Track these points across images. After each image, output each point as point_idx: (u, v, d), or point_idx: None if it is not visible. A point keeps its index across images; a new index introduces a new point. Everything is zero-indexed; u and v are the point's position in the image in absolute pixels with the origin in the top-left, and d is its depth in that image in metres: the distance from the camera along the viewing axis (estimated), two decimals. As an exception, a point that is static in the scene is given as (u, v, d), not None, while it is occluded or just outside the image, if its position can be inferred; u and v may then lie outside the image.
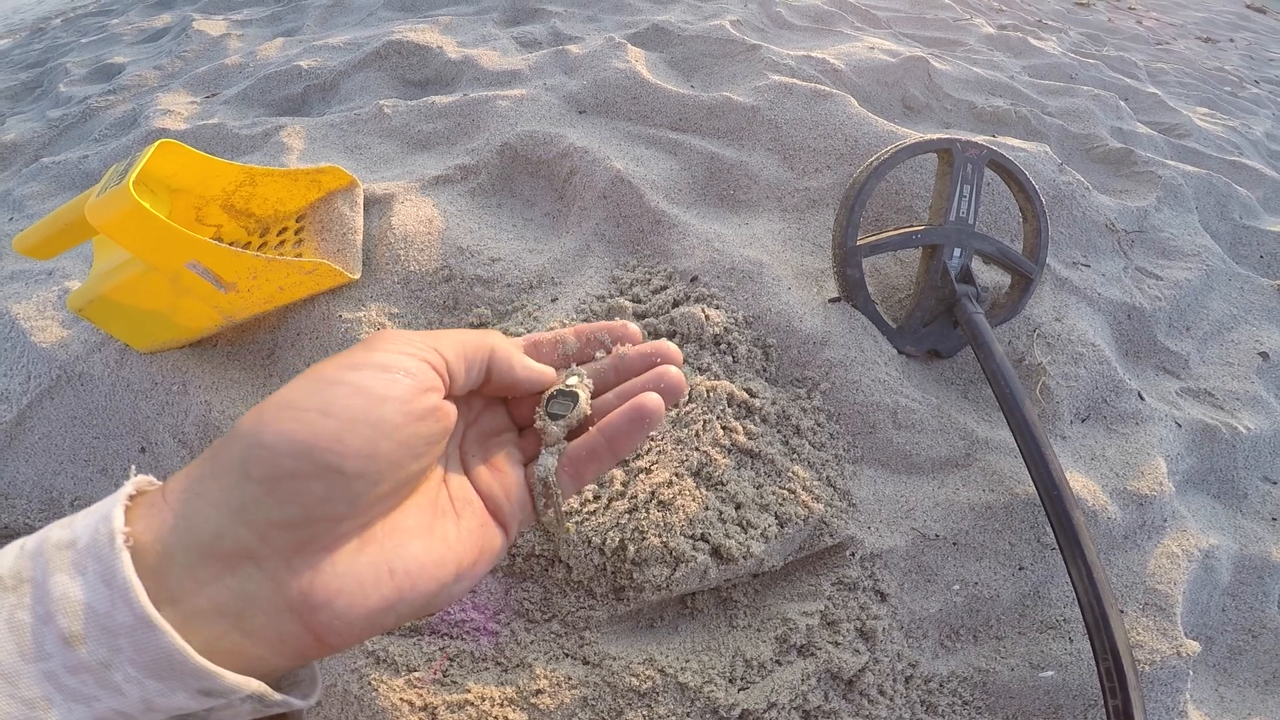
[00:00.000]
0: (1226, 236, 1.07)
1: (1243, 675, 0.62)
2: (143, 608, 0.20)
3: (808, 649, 0.51)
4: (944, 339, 0.69)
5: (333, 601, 0.23)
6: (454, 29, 1.31)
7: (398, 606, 0.25)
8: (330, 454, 0.23)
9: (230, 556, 0.22)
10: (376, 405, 0.24)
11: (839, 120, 0.90)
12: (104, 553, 0.21)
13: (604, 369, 0.35)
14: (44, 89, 1.62)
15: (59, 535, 0.22)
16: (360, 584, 0.24)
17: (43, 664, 0.20)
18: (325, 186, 0.75)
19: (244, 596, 0.22)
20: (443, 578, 0.26)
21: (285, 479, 0.22)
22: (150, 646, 0.20)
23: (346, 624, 0.23)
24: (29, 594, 0.20)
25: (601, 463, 0.33)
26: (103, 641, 0.20)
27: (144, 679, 0.20)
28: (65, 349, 0.68)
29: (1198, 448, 0.72)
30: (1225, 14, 3.63)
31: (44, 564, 0.21)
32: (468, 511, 0.29)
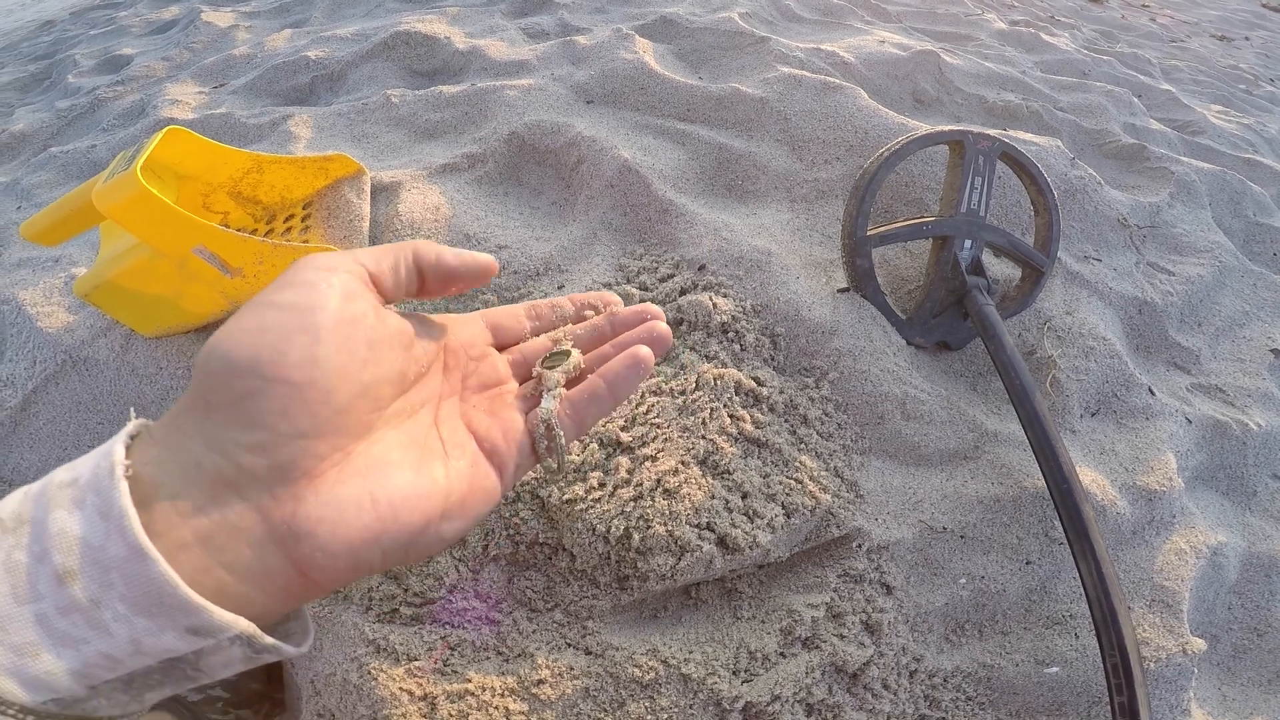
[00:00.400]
0: (1240, 233, 1.06)
1: (1246, 674, 0.62)
2: (135, 537, 0.20)
3: (813, 641, 0.51)
4: (954, 331, 0.68)
5: (315, 530, 0.23)
6: (462, 20, 1.30)
7: (381, 539, 0.25)
8: (273, 365, 0.23)
9: (212, 485, 0.22)
10: (307, 314, 0.25)
11: (849, 112, 0.89)
12: (103, 484, 0.21)
13: (599, 325, 0.38)
14: (52, 80, 1.63)
15: (62, 475, 0.22)
16: (342, 511, 0.24)
17: (35, 605, 0.20)
18: (332, 174, 0.75)
19: (227, 527, 0.22)
20: (428, 511, 0.26)
21: (241, 399, 0.23)
22: (141, 579, 0.20)
23: (329, 556, 0.23)
24: (27, 534, 0.21)
25: (601, 406, 0.34)
26: (94, 577, 0.20)
27: (133, 616, 0.20)
28: (71, 334, 0.68)
29: (1208, 444, 0.72)
30: (1241, 12, 3.59)
31: (45, 503, 0.21)
32: (459, 453, 0.30)
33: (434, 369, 0.33)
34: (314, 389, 0.24)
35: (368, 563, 0.25)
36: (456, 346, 0.34)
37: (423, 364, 0.31)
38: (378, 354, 0.27)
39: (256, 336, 0.24)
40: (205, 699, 0.50)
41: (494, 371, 0.35)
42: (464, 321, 0.36)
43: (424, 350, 0.31)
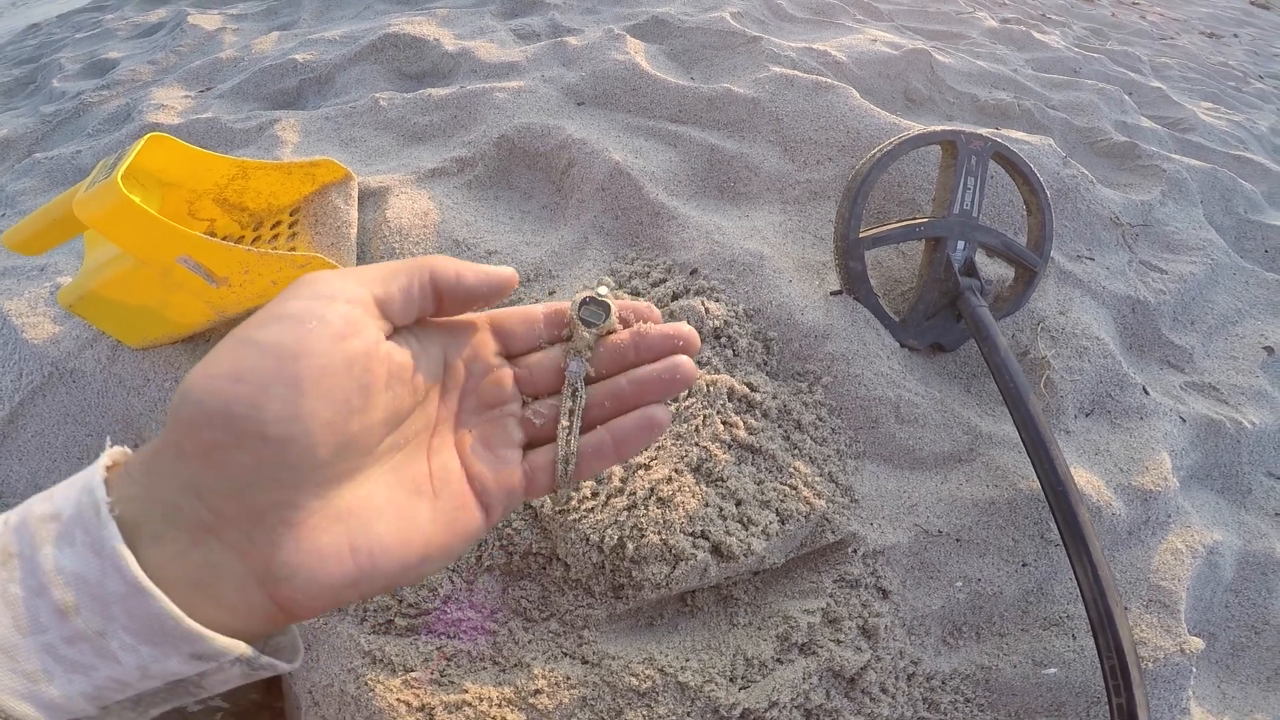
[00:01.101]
0: (1231, 230, 1.06)
1: (1245, 672, 0.62)
2: (134, 575, 0.20)
3: (809, 647, 0.50)
4: (947, 332, 0.68)
5: (293, 576, 0.23)
6: (451, 21, 1.29)
7: (360, 583, 0.24)
8: (248, 420, 0.22)
9: (191, 529, 0.22)
10: (290, 363, 0.23)
11: (841, 112, 0.89)
12: (90, 523, 0.21)
13: (623, 346, 0.33)
14: (37, 84, 1.61)
15: (41, 509, 0.22)
16: (321, 560, 0.23)
17: (40, 636, 0.20)
18: (319, 180, 0.74)
19: (210, 567, 0.22)
20: (406, 559, 0.25)
21: (212, 451, 0.22)
22: (142, 612, 0.21)
23: (309, 597, 0.23)
24: (18, 568, 0.20)
25: (604, 461, 0.32)
26: (96, 610, 0.20)
27: (139, 645, 0.21)
28: (57, 345, 0.67)
29: (1202, 443, 0.72)
30: (1230, 9, 3.61)
31: (30, 537, 0.21)
32: (446, 492, 0.28)
33: (432, 392, 0.30)
34: (293, 446, 0.22)
35: (347, 600, 0.25)
36: (455, 363, 0.31)
37: (422, 392, 0.29)
38: (371, 400, 0.25)
39: (231, 386, 0.22)
40: (205, 709, 0.50)
41: (496, 390, 0.32)
42: (467, 329, 0.32)
43: (426, 376, 0.29)
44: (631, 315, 0.34)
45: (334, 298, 0.25)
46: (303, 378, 0.23)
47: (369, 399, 0.25)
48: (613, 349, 0.33)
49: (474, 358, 0.32)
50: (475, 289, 0.29)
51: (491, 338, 0.33)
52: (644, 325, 0.34)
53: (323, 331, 0.24)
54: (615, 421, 0.32)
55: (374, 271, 0.27)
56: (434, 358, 0.30)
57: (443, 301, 0.29)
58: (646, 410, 0.32)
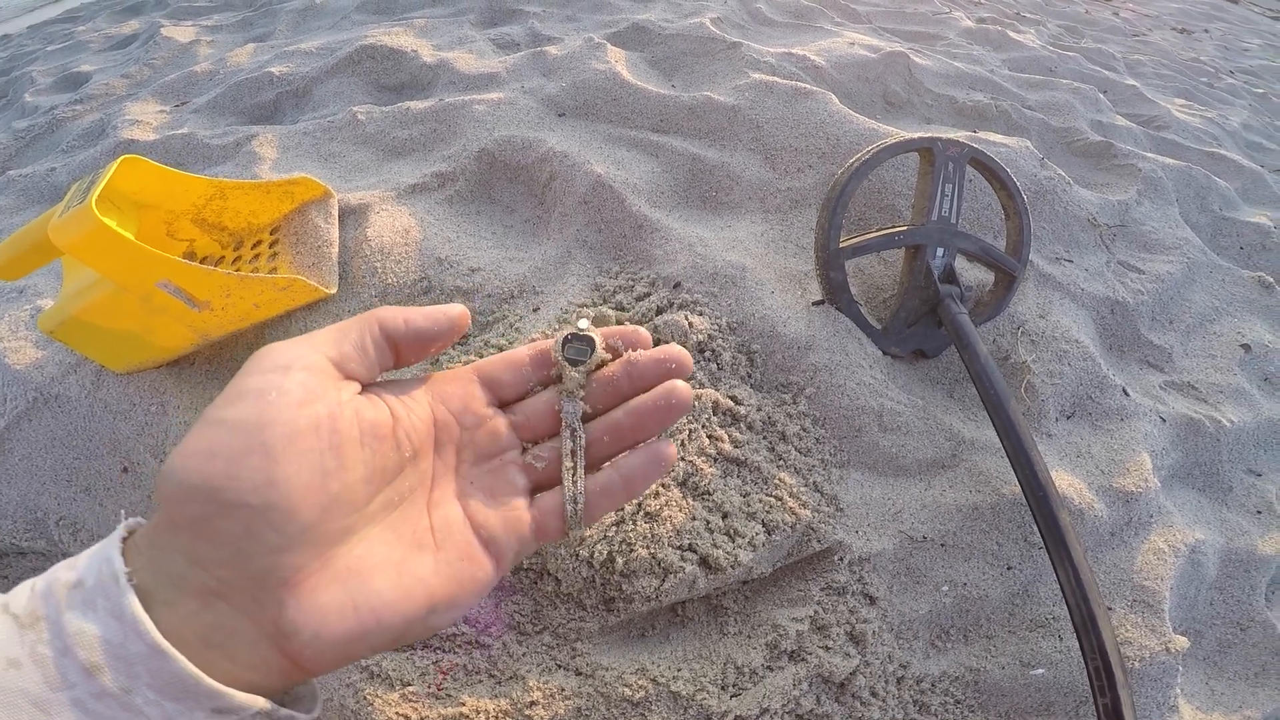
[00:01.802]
0: (1207, 228, 1.08)
1: (1232, 668, 0.63)
2: (153, 638, 0.22)
3: (799, 654, 0.51)
4: (929, 339, 0.69)
5: (300, 632, 0.24)
6: (429, 31, 1.29)
7: (367, 639, 0.25)
8: (226, 492, 0.23)
9: (198, 594, 0.23)
10: (257, 434, 0.24)
11: (820, 118, 0.90)
12: (110, 591, 0.22)
13: (617, 376, 0.33)
14: (9, 99, 1.58)
15: (65, 576, 0.23)
16: (325, 618, 0.24)
17: (69, 692, 0.21)
18: (298, 198, 0.74)
19: (222, 629, 0.23)
20: (409, 613, 0.26)
21: (201, 523, 0.23)
22: (164, 672, 0.22)
23: (318, 652, 0.24)
24: (45, 630, 0.22)
25: (614, 500, 0.32)
26: (121, 670, 0.22)
27: (163, 701, 0.22)
28: (40, 370, 0.66)
29: (1182, 442, 0.73)
30: (1200, 4, 3.67)
31: (55, 603, 0.22)
32: (449, 543, 0.29)
33: (424, 448, 0.30)
34: (275, 511, 0.24)
35: (359, 655, 0.25)
36: (446, 418, 0.31)
37: (409, 449, 0.29)
38: (346, 459, 0.26)
39: (206, 462, 0.23)
40: None
41: (493, 439, 0.32)
42: (453, 381, 0.33)
43: (410, 432, 0.29)
44: (620, 342, 0.34)
45: (289, 367, 0.26)
46: (272, 446, 0.24)
47: (343, 458, 0.26)
48: (605, 382, 0.33)
49: (465, 410, 0.32)
50: (425, 330, 0.30)
51: (480, 388, 0.33)
52: (634, 353, 0.34)
53: (283, 401, 0.25)
54: (623, 460, 0.32)
55: (325, 335, 0.28)
56: (420, 414, 0.30)
57: (399, 349, 0.30)
58: (653, 447, 0.32)
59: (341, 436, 0.26)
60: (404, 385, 0.31)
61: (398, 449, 0.28)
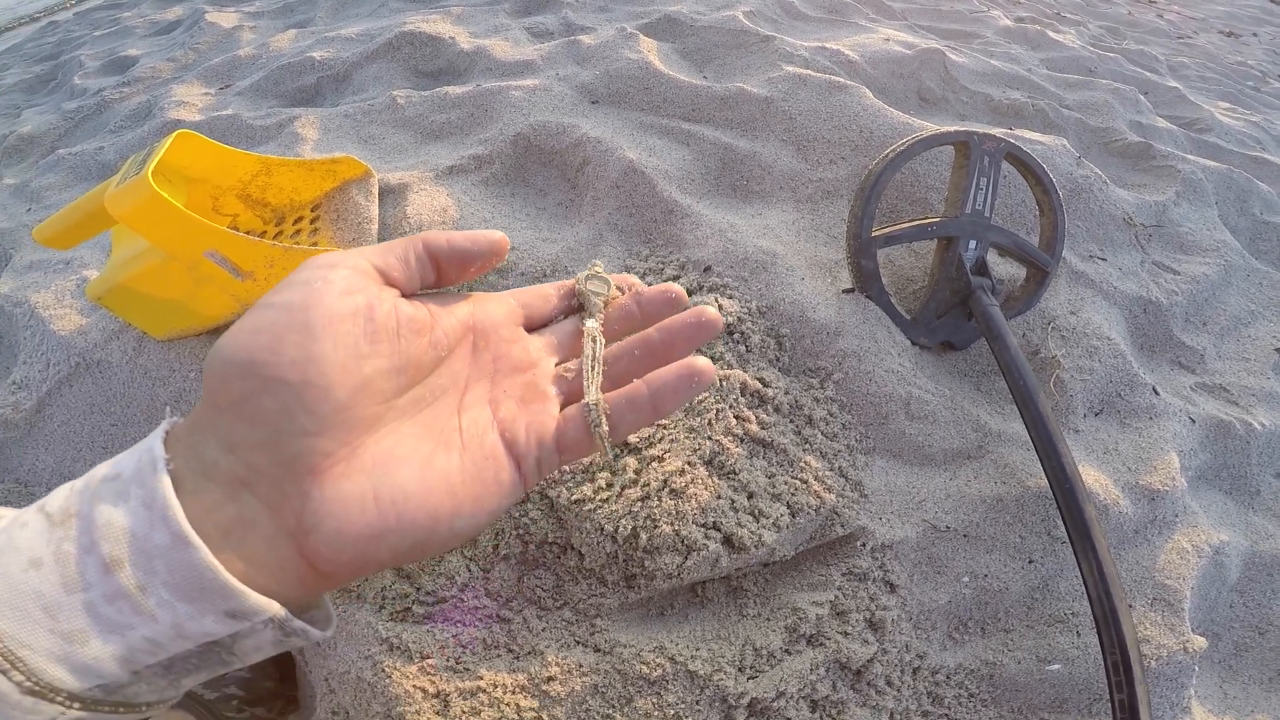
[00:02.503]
0: (1246, 232, 1.05)
1: (1248, 672, 0.62)
2: (179, 525, 0.22)
3: (817, 639, 0.51)
4: (958, 331, 0.69)
5: (320, 526, 0.24)
6: (466, 19, 1.31)
7: (387, 536, 0.25)
8: (268, 366, 0.24)
9: (227, 482, 0.23)
10: (301, 312, 0.25)
11: (854, 112, 0.90)
12: (146, 477, 0.22)
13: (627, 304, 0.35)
14: (58, 81, 1.64)
15: (105, 470, 0.23)
16: (345, 508, 0.24)
17: (84, 594, 0.21)
18: (340, 176, 0.76)
19: (243, 521, 0.23)
20: (434, 508, 0.26)
21: (242, 401, 0.24)
22: (183, 565, 0.22)
23: (336, 549, 0.24)
24: (75, 526, 0.22)
25: (641, 414, 0.31)
26: (140, 565, 0.21)
27: (176, 602, 0.22)
28: (84, 337, 0.69)
29: (1211, 443, 0.72)
30: (1248, 8, 3.56)
31: (90, 497, 0.22)
32: (475, 444, 0.29)
33: (460, 350, 0.31)
34: (311, 387, 0.24)
35: (376, 558, 0.25)
36: (488, 327, 0.32)
37: (444, 347, 0.30)
38: (381, 346, 0.27)
39: (252, 338, 0.24)
40: (220, 697, 0.51)
41: (526, 354, 0.33)
42: (494, 300, 0.34)
43: (447, 332, 0.30)
44: (626, 285, 0.36)
45: (336, 265, 0.27)
46: (312, 325, 0.25)
47: (378, 344, 0.27)
48: (619, 309, 0.35)
49: (502, 323, 0.33)
50: (467, 250, 0.31)
51: (518, 308, 0.34)
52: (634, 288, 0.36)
53: (327, 289, 0.26)
54: (654, 374, 0.32)
55: (372, 248, 0.30)
56: (458, 318, 0.32)
57: (440, 266, 0.31)
58: (686, 362, 0.32)
59: (378, 325, 0.27)
60: (446, 296, 0.33)
61: (433, 346, 0.29)
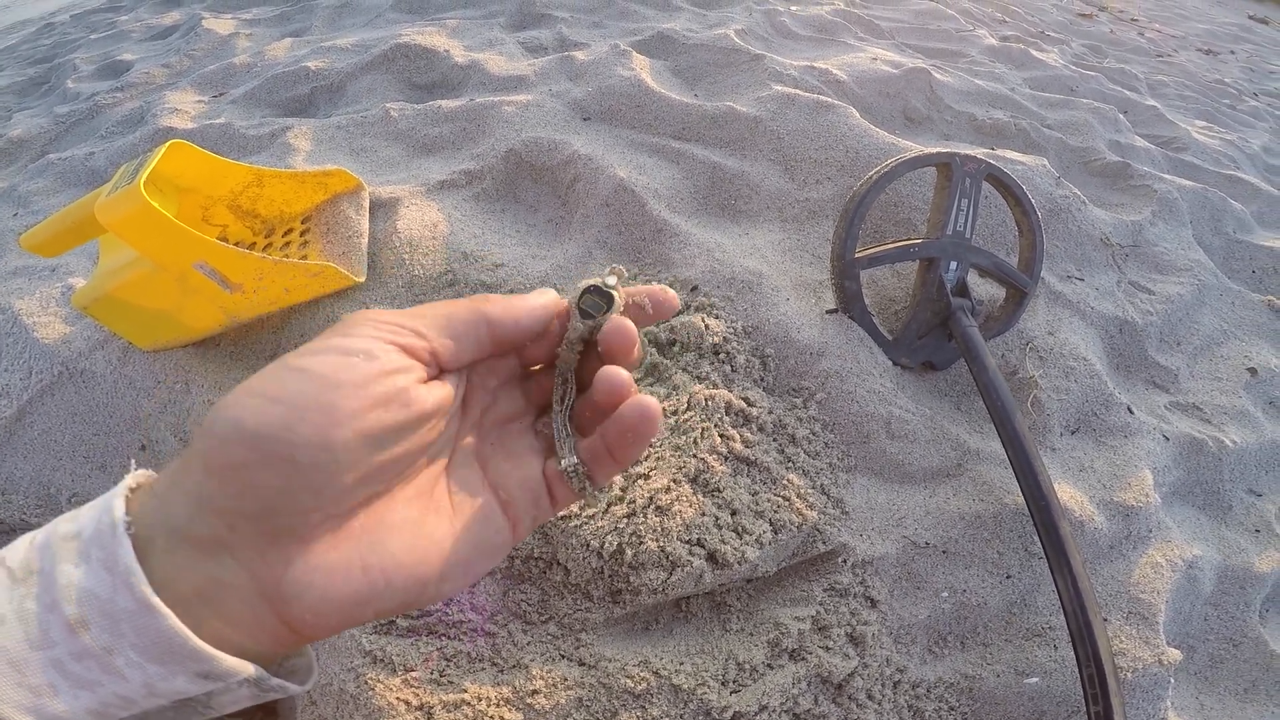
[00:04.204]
0: (1220, 251, 1.08)
1: (1223, 684, 0.63)
2: (143, 593, 0.21)
3: (799, 653, 0.52)
4: (939, 351, 0.70)
5: (303, 594, 0.23)
6: (461, 32, 1.32)
7: (373, 602, 0.24)
8: (279, 443, 0.22)
9: (204, 544, 0.22)
10: (329, 390, 0.23)
11: (840, 132, 0.91)
12: (106, 540, 0.21)
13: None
14: (51, 85, 1.63)
15: (65, 528, 0.22)
16: (330, 578, 0.23)
17: (49, 651, 0.21)
18: (332, 189, 0.77)
19: (219, 583, 0.22)
20: (423, 576, 0.25)
21: (239, 469, 0.22)
22: (150, 630, 0.21)
23: (318, 616, 0.23)
24: (36, 584, 0.21)
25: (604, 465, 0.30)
26: (105, 627, 0.21)
27: (145, 663, 0.21)
28: (68, 345, 0.68)
29: (1185, 460, 0.74)
30: (1228, 25, 3.65)
31: (51, 554, 0.22)
32: (467, 507, 0.28)
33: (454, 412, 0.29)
34: (319, 473, 0.23)
35: (359, 620, 0.24)
36: (477, 380, 0.30)
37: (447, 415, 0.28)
38: (401, 438, 0.25)
39: (267, 407, 0.22)
40: None
41: (514, 401, 0.31)
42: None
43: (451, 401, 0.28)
44: (648, 301, 0.31)
45: (381, 339, 0.25)
46: (338, 407, 0.23)
47: (400, 436, 0.25)
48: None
49: (491, 373, 0.31)
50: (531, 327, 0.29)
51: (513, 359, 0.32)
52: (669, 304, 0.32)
53: (366, 368, 0.24)
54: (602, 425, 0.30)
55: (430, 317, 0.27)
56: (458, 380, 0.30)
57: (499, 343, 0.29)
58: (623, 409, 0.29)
59: (406, 417, 0.25)
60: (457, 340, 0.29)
61: (445, 424, 0.28)
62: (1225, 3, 4.67)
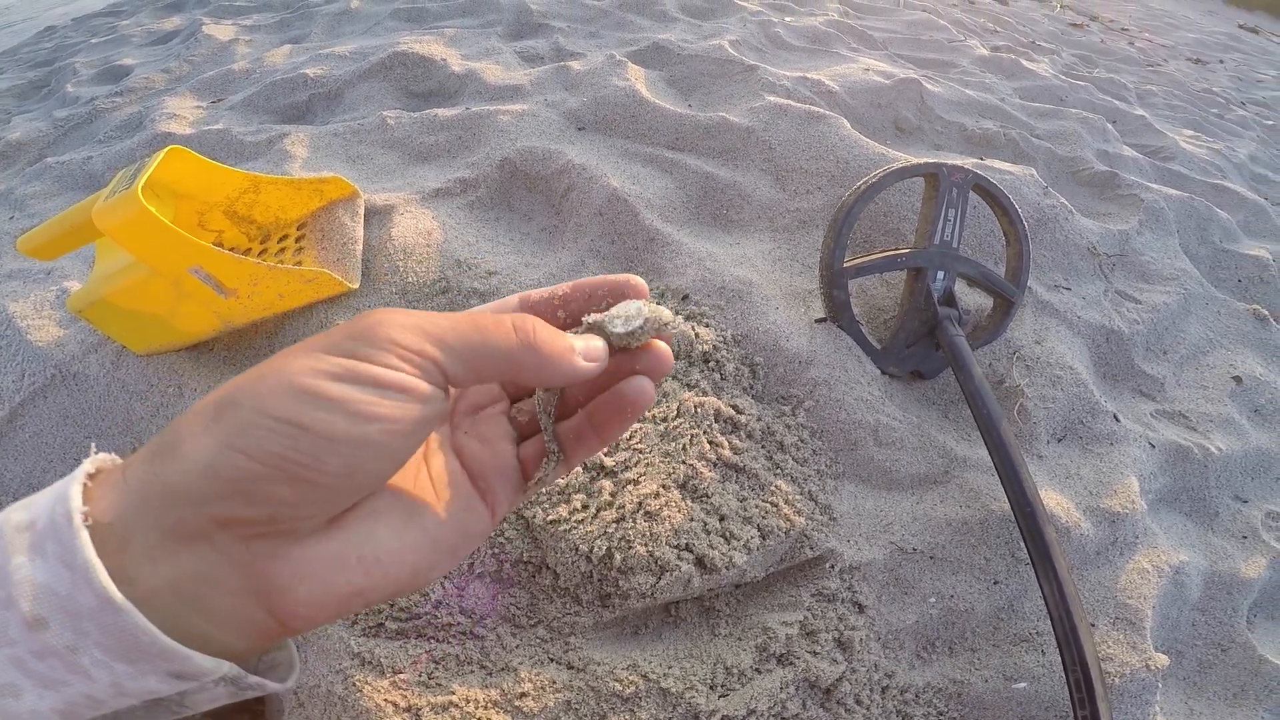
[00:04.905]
0: (1206, 260, 1.10)
1: (1212, 689, 0.64)
2: (104, 589, 0.20)
3: (787, 658, 0.52)
4: (926, 360, 0.71)
5: (295, 587, 0.22)
6: (458, 41, 1.33)
7: (366, 593, 0.24)
8: (307, 470, 0.22)
9: (186, 538, 0.21)
10: (360, 425, 0.22)
11: (831, 142, 0.93)
12: (63, 533, 0.20)
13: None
14: (51, 88, 1.64)
15: (18, 517, 0.21)
16: (322, 570, 0.23)
17: (8, 650, 0.19)
18: (327, 196, 0.77)
19: (203, 579, 0.21)
20: (414, 563, 0.25)
21: (256, 481, 0.21)
22: (115, 628, 0.20)
23: (311, 609, 0.23)
24: None
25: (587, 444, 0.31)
26: (67, 625, 0.20)
27: (112, 662, 0.20)
28: (61, 348, 0.69)
29: (1171, 467, 0.75)
30: (1217, 34, 3.69)
31: (3, 547, 0.20)
32: (450, 493, 0.28)
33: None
34: (338, 493, 0.23)
35: (351, 610, 0.24)
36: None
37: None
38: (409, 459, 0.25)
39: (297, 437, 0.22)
40: None
41: (487, 390, 0.32)
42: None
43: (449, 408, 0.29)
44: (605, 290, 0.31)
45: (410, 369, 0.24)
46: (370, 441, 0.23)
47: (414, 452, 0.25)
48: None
49: None
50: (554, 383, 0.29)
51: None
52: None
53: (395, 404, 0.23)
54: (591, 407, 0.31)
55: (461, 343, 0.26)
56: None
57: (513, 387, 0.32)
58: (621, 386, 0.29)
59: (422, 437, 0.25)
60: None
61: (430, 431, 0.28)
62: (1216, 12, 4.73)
